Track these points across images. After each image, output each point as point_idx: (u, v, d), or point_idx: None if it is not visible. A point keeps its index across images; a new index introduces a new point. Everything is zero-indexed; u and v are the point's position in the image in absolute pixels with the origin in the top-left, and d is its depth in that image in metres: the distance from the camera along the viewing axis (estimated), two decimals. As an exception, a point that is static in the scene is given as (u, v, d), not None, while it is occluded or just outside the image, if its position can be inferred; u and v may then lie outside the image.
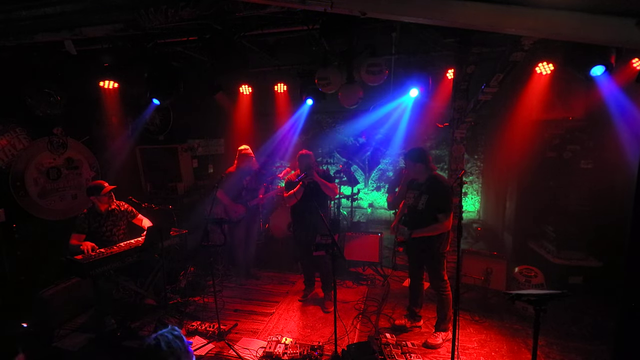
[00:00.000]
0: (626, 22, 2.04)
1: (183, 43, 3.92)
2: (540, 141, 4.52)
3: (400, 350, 3.03)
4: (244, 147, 4.47)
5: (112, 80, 4.57)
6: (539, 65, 4.07)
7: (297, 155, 3.90)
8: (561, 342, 3.23)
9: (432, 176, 3.18)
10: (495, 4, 2.16)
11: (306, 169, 3.76)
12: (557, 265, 4.07)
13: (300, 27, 3.46)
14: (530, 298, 1.98)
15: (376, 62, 4.01)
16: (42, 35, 3.15)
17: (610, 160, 4.09)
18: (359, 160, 7.00)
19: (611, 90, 3.76)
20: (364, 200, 6.97)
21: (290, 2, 2.34)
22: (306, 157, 3.85)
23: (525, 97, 4.47)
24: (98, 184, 3.58)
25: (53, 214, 4.27)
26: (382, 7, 2.27)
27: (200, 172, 6.03)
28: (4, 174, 3.86)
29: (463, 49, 3.86)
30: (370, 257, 4.80)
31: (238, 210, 4.40)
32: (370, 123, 6.33)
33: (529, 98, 4.45)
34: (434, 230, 3.06)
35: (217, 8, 2.78)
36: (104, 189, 3.53)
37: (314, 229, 3.68)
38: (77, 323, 3.68)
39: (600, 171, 4.28)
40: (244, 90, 5.62)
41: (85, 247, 3.29)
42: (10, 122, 3.95)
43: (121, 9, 2.90)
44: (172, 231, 3.81)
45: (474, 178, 6.40)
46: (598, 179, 4.26)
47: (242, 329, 3.58)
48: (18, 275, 3.79)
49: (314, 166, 3.86)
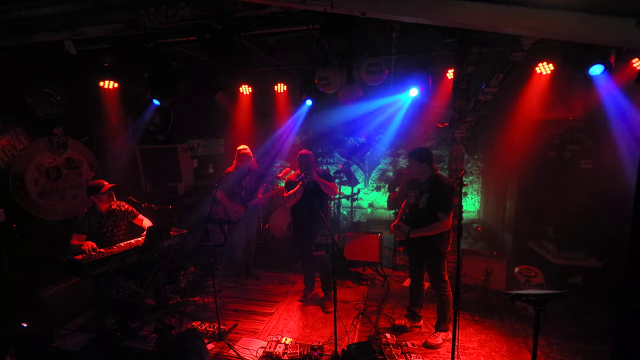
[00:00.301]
0: (626, 22, 2.04)
1: (183, 43, 3.92)
2: (540, 141, 4.52)
3: (400, 350, 3.03)
4: (243, 147, 4.45)
5: (112, 80, 4.56)
6: (539, 65, 4.07)
7: (297, 155, 3.91)
8: (561, 342, 3.23)
9: (434, 176, 3.19)
10: (495, 4, 2.16)
11: (306, 169, 3.76)
12: (557, 265, 4.07)
13: (300, 27, 3.46)
14: (530, 298, 1.98)
15: (376, 62, 4.01)
16: (42, 35, 3.15)
17: (610, 160, 4.09)
18: (359, 160, 7.00)
19: (611, 91, 3.77)
20: (364, 200, 6.97)
21: (290, 2, 2.34)
22: (306, 156, 3.85)
23: (525, 97, 4.47)
24: (98, 183, 3.57)
25: (53, 214, 4.27)
26: (382, 7, 2.27)
27: (200, 172, 6.03)
28: (4, 174, 3.86)
29: (463, 49, 3.86)
30: (370, 257, 4.80)
31: (237, 211, 4.39)
32: (370, 123, 6.34)
33: (529, 98, 4.45)
34: (434, 229, 3.06)
35: (217, 8, 2.78)
36: (104, 187, 3.53)
37: (314, 228, 3.68)
38: (77, 323, 3.68)
39: (600, 171, 4.28)
40: (244, 90, 5.63)
41: (86, 247, 3.29)
42: (10, 122, 3.95)
43: (121, 9, 2.90)
44: (172, 231, 3.81)
45: (474, 178, 6.40)
46: (598, 179, 4.26)
47: (242, 329, 3.58)
48: (18, 275, 3.79)
49: (314, 166, 3.86)
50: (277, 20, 3.33)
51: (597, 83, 3.67)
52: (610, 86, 3.72)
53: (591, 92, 4.05)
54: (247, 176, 4.49)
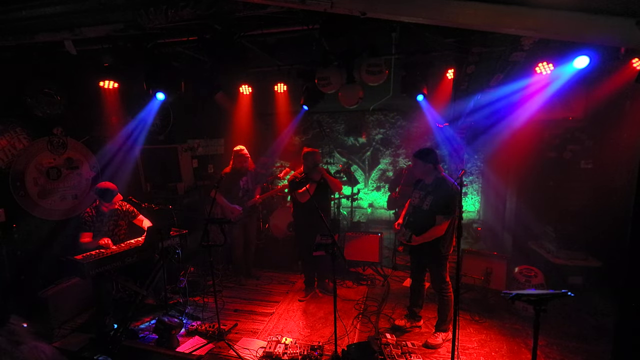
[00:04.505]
0: (626, 22, 2.04)
1: (183, 43, 3.92)
2: (540, 141, 4.52)
3: (400, 350, 3.03)
4: (239, 147, 4.40)
5: (112, 80, 4.56)
6: (539, 65, 4.06)
7: (303, 152, 3.95)
8: (561, 342, 3.23)
9: (440, 178, 3.17)
10: (495, 4, 2.16)
11: (314, 166, 3.84)
12: (557, 265, 4.07)
13: (300, 27, 3.46)
14: (530, 298, 1.98)
15: (376, 62, 4.01)
16: (42, 35, 3.15)
17: (610, 160, 4.10)
18: (359, 160, 7.00)
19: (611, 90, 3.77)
20: (364, 200, 6.97)
21: (291, 2, 2.34)
22: (312, 154, 3.91)
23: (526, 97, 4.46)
24: (110, 189, 3.58)
25: (53, 214, 4.27)
26: (382, 7, 2.27)
27: (200, 172, 6.02)
28: (4, 174, 3.86)
29: (463, 49, 3.86)
30: (370, 257, 4.79)
31: (235, 212, 4.37)
32: (370, 122, 6.34)
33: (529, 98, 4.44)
34: (434, 233, 3.05)
35: (217, 8, 2.78)
36: (116, 197, 3.59)
37: (319, 227, 3.69)
38: (77, 323, 3.69)
39: (600, 171, 4.28)
40: (244, 90, 5.63)
41: (103, 242, 3.37)
42: (10, 122, 3.95)
43: (121, 9, 2.90)
44: (172, 231, 3.81)
45: (474, 178, 6.41)
46: (598, 178, 4.26)
47: (242, 329, 3.58)
48: (18, 275, 3.78)
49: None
50: (277, 20, 3.33)
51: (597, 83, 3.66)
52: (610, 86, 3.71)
53: (591, 92, 4.06)
54: (245, 176, 4.47)
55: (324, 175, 3.89)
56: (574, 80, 3.82)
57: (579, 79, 3.83)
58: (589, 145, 4.39)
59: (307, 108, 4.97)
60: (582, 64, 3.44)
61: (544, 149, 4.52)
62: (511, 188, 5.03)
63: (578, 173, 4.41)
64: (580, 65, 3.45)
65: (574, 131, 4.45)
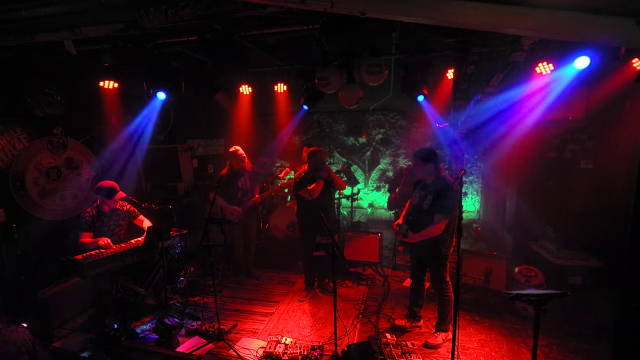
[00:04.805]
0: (626, 22, 2.04)
1: (183, 43, 3.92)
2: (541, 141, 4.52)
3: (400, 350, 3.03)
4: (235, 148, 4.38)
5: (112, 80, 4.56)
6: (539, 65, 4.06)
7: (307, 152, 3.97)
8: (561, 342, 3.23)
9: (440, 177, 3.18)
10: (495, 4, 2.16)
11: (322, 164, 3.90)
12: (557, 265, 4.06)
13: (300, 27, 3.46)
14: (530, 298, 1.98)
15: (376, 62, 4.01)
16: (42, 35, 3.14)
17: (610, 160, 4.09)
18: (359, 160, 7.01)
19: (611, 90, 3.77)
20: (364, 200, 6.97)
21: (291, 2, 2.34)
22: (319, 152, 3.96)
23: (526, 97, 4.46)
24: (112, 187, 3.56)
25: (53, 214, 4.27)
26: (382, 7, 2.27)
27: (200, 172, 6.02)
28: (4, 174, 3.86)
29: (463, 49, 3.86)
30: (370, 257, 4.79)
31: (234, 212, 4.37)
32: (370, 122, 6.34)
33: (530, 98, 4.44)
34: (431, 232, 3.05)
35: (217, 8, 2.78)
36: (118, 194, 3.56)
37: (321, 227, 3.70)
38: (77, 323, 3.69)
39: (600, 171, 4.27)
40: (244, 90, 5.63)
41: (103, 242, 3.34)
42: (10, 122, 3.95)
43: (121, 9, 2.90)
44: (172, 231, 3.81)
45: (474, 178, 6.41)
46: (598, 179, 4.26)
47: (242, 329, 3.58)
48: (18, 275, 3.78)
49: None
50: (277, 20, 3.33)
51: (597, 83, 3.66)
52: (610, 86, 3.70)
53: (591, 92, 4.06)
54: (242, 177, 4.46)
55: (331, 174, 3.93)
56: (575, 80, 3.82)
57: (580, 79, 3.83)
58: (589, 145, 4.38)
59: (307, 108, 4.97)
60: (582, 65, 3.44)
61: (544, 149, 4.52)
62: (511, 188, 5.03)
63: (578, 173, 4.40)
64: (580, 65, 3.45)
65: (574, 131, 4.44)
